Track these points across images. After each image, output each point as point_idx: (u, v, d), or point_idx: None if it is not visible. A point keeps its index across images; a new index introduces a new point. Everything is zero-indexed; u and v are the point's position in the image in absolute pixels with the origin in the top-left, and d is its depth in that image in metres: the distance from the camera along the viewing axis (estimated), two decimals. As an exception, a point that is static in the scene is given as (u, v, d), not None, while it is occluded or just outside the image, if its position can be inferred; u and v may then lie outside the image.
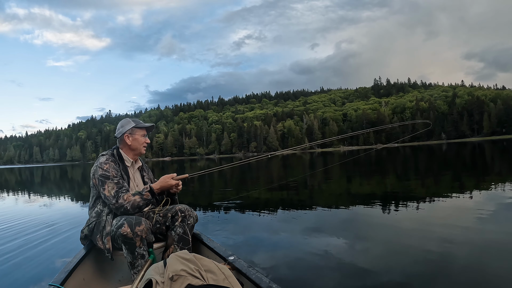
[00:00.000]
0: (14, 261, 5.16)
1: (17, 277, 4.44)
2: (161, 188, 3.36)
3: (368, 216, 7.28)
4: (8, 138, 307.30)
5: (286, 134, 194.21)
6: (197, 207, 9.46)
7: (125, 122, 3.62)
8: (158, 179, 3.48)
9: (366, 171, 20.95)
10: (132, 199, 3.16)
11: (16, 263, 5.02)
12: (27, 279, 4.35)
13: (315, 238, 5.74)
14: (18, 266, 4.88)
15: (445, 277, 3.72)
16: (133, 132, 3.54)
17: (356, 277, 3.92)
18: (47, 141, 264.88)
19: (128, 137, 3.52)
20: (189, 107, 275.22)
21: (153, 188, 3.30)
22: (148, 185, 3.39)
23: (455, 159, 27.21)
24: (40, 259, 5.23)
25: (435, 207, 7.69)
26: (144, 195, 3.22)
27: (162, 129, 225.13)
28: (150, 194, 3.25)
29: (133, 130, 3.55)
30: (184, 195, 12.34)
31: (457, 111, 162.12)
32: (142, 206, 3.22)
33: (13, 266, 4.88)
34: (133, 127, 3.55)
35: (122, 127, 3.57)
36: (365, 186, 13.07)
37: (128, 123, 3.59)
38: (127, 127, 3.55)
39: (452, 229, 5.68)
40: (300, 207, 8.78)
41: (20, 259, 5.26)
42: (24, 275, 4.51)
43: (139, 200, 3.18)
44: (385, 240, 5.46)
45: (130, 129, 3.53)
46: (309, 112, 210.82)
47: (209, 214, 8.40)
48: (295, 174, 21.51)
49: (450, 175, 14.96)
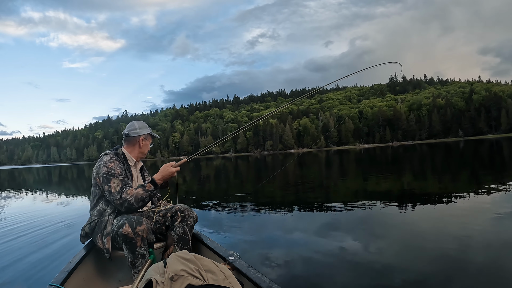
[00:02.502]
0: (14, 261, 5.22)
1: (17, 277, 4.48)
2: (163, 177, 3.40)
3: (383, 214, 7.24)
4: (26, 138, 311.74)
5: (301, 132, 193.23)
6: (196, 207, 9.49)
7: (143, 125, 3.74)
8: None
9: (382, 169, 20.93)
10: (135, 192, 3.18)
11: (16, 263, 5.08)
12: (27, 279, 4.39)
13: (325, 237, 5.73)
14: (18, 266, 4.93)
15: (461, 278, 3.71)
16: (147, 138, 3.73)
17: (370, 276, 3.91)
18: (64, 141, 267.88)
19: (142, 141, 3.66)
20: (205, 106, 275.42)
21: (154, 179, 3.35)
22: (150, 177, 3.49)
23: (472, 156, 26.73)
24: (40, 259, 5.27)
25: (452, 206, 7.60)
26: (147, 187, 3.26)
27: (178, 128, 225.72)
28: (153, 185, 3.29)
29: (148, 136, 3.73)
30: (184, 195, 12.57)
31: (474, 108, 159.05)
32: (145, 199, 3.24)
33: (13, 266, 4.94)
34: (149, 133, 3.75)
35: (140, 129, 3.67)
36: (381, 184, 12.97)
37: (145, 127, 3.72)
38: (145, 130, 3.69)
39: (469, 229, 5.61)
40: (310, 205, 8.78)
41: (20, 259, 5.32)
42: (24, 275, 4.55)
43: (142, 193, 3.21)
44: (400, 239, 5.43)
45: (146, 134, 3.70)
46: (324, 110, 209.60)
47: (209, 214, 8.38)
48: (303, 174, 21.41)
49: (467, 173, 14.78)
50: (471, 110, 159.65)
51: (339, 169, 24.06)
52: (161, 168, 3.43)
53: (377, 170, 20.80)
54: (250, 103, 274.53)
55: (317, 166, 28.37)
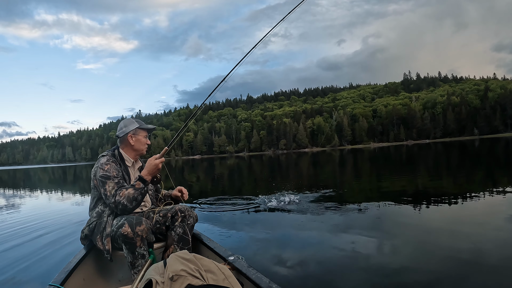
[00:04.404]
0: (14, 261, 5.19)
1: (17, 277, 4.45)
2: (149, 172, 3.27)
3: (397, 214, 7.14)
4: (41, 139, 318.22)
5: (315, 131, 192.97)
6: (196, 207, 9.43)
7: (129, 122, 3.64)
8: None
9: (396, 168, 20.87)
10: (126, 192, 3.14)
11: (16, 263, 5.05)
12: (27, 279, 4.37)
13: (333, 237, 5.64)
14: (18, 266, 4.90)
15: (475, 279, 3.64)
16: (137, 133, 3.57)
17: (382, 276, 3.85)
18: (79, 141, 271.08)
19: (132, 137, 3.54)
20: (218, 106, 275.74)
21: (142, 176, 3.25)
22: (137, 175, 3.36)
23: (488, 155, 26.36)
24: (40, 259, 5.24)
25: (467, 206, 7.50)
26: (136, 185, 3.20)
27: (192, 128, 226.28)
28: (142, 182, 3.22)
29: (136, 130, 3.57)
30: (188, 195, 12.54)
31: (490, 106, 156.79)
32: (137, 197, 3.18)
33: (13, 266, 4.91)
34: (137, 127, 3.58)
35: (125, 127, 3.57)
36: (395, 183, 12.87)
37: (131, 123, 3.60)
38: (130, 127, 3.56)
39: (484, 230, 5.52)
40: (319, 205, 8.54)
41: (20, 259, 5.28)
42: (24, 275, 4.53)
43: (133, 192, 3.16)
44: (414, 239, 5.33)
45: (133, 130, 3.56)
46: (338, 108, 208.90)
47: (209, 214, 8.32)
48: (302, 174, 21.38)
49: (483, 173, 14.58)
50: (486, 108, 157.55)
51: (353, 168, 24.01)
52: (146, 163, 3.35)
53: (391, 169, 20.74)
54: (263, 102, 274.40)
55: (330, 166, 28.38)
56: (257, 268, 2.70)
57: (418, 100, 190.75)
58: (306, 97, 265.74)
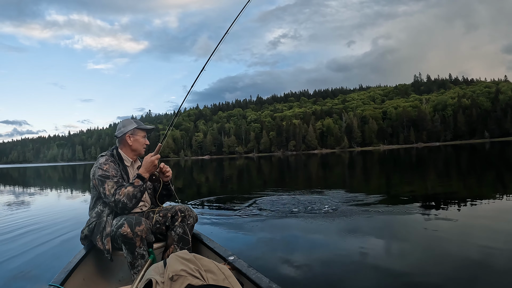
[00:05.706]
0: (14, 261, 5.18)
1: (17, 277, 4.44)
2: (146, 169, 3.31)
3: (405, 217, 7.07)
4: (51, 137, 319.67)
5: (325, 132, 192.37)
6: (197, 207, 9.46)
7: (127, 122, 3.67)
8: (158, 175, 3.56)
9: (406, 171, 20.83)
10: (126, 191, 3.17)
11: (16, 263, 5.03)
12: (27, 279, 4.36)
13: (335, 239, 5.63)
14: (18, 266, 4.89)
15: (485, 285, 3.62)
16: (135, 133, 3.60)
17: (390, 281, 3.81)
18: (89, 140, 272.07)
19: (130, 138, 3.58)
20: (228, 106, 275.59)
21: (140, 173, 3.29)
22: (136, 173, 3.43)
23: (498, 159, 26.08)
24: (40, 259, 5.24)
25: (477, 210, 7.47)
26: (135, 183, 3.22)
27: (201, 128, 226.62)
28: (140, 180, 3.25)
29: (135, 131, 3.60)
30: (184, 194, 12.64)
31: (501, 108, 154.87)
32: (137, 195, 3.22)
33: (13, 266, 4.90)
34: (135, 127, 3.60)
35: (124, 127, 3.61)
36: (404, 186, 12.87)
37: (130, 123, 3.64)
38: (129, 127, 3.59)
39: (495, 234, 5.45)
40: (325, 206, 8.36)
41: (20, 258, 5.28)
42: (24, 275, 4.52)
43: (132, 190, 3.18)
44: (423, 243, 5.27)
45: (132, 130, 3.59)
46: (348, 110, 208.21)
47: (209, 214, 8.26)
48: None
49: (494, 176, 14.50)
50: (497, 110, 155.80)
51: (362, 170, 23.99)
52: (143, 161, 3.38)
53: (401, 172, 20.73)
54: (273, 103, 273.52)
55: (339, 167, 28.35)
56: (257, 268, 2.70)
57: (429, 102, 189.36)
58: (316, 99, 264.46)
